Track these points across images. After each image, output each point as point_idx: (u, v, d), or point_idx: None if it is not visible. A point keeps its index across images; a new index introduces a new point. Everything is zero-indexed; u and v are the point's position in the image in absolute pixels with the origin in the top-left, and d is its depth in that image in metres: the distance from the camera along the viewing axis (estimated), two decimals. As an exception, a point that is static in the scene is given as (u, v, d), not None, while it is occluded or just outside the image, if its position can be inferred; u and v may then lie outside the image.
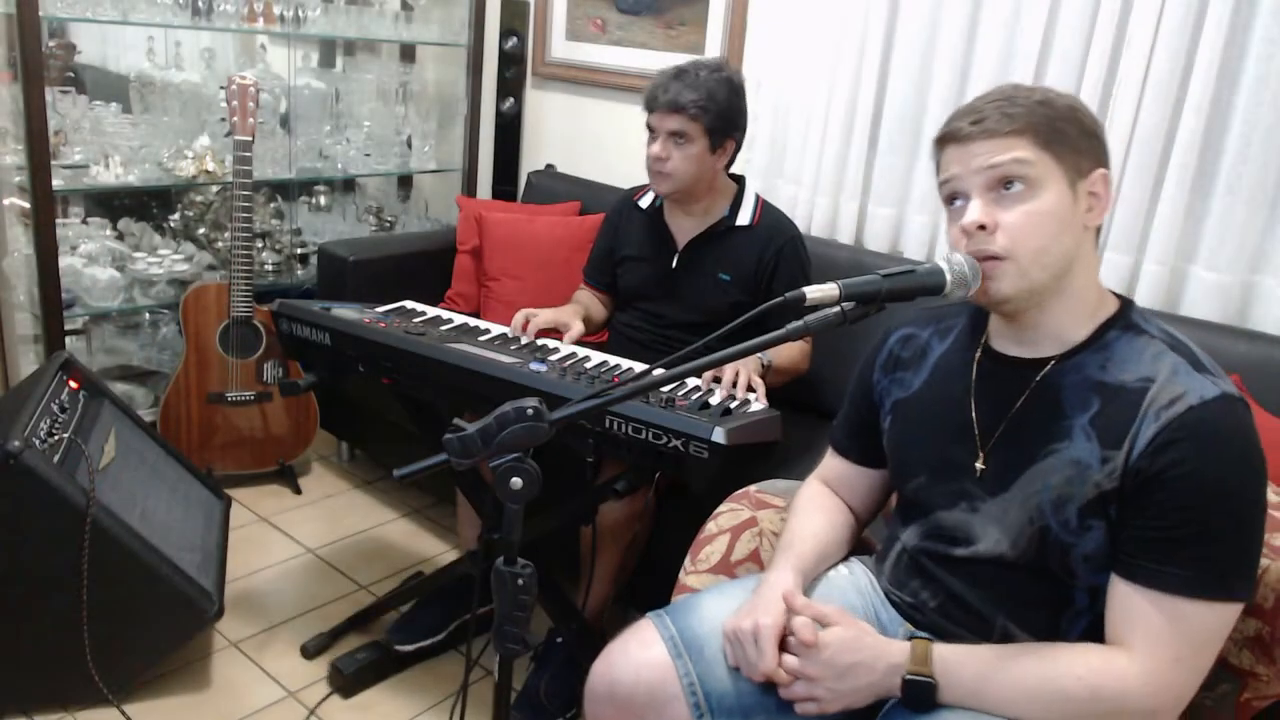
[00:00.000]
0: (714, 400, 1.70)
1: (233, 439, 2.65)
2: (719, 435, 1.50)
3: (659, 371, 1.09)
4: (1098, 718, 1.05)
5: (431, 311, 2.03)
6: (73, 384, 2.01)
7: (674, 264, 2.14)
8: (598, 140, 3.08)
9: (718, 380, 1.78)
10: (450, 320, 1.98)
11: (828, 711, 1.14)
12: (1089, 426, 1.09)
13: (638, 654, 1.22)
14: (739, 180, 2.15)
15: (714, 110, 1.95)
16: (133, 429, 2.14)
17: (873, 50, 2.35)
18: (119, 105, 2.72)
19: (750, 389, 1.78)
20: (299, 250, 3.11)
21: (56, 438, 1.82)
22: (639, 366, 1.82)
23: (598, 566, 1.88)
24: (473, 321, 1.99)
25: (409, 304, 2.05)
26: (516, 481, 1.02)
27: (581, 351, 1.90)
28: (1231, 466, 1.02)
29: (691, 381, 1.78)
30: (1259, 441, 1.04)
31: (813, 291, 1.03)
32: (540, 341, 1.94)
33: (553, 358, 1.81)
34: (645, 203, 2.21)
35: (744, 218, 2.09)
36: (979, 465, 1.18)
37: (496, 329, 1.97)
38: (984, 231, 1.08)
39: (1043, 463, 1.11)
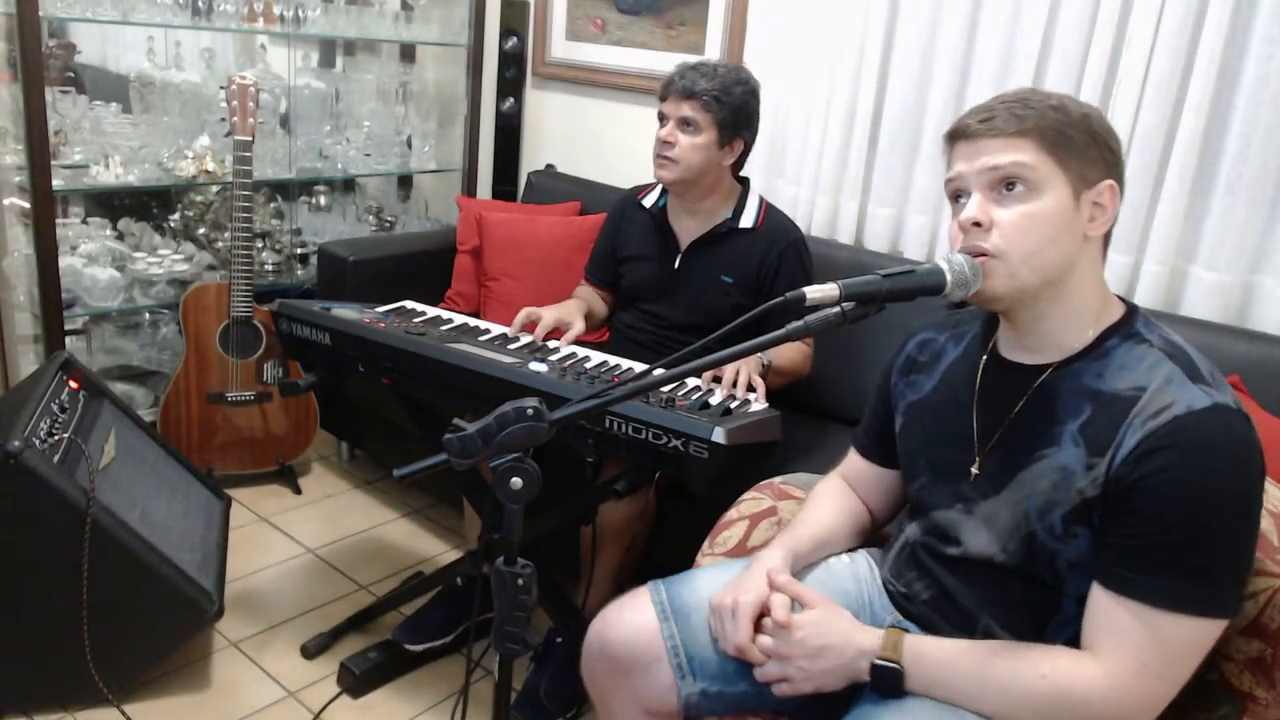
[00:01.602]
0: (714, 400, 1.70)
1: (233, 439, 2.65)
2: (719, 435, 1.50)
3: (659, 371, 1.09)
4: (1061, 719, 1.06)
5: (431, 311, 2.03)
6: (73, 384, 2.01)
7: (676, 264, 2.14)
8: (598, 140, 3.08)
9: (718, 380, 1.78)
10: (450, 320, 1.98)
11: (800, 692, 1.17)
12: (1078, 433, 1.09)
13: (629, 616, 1.29)
14: (744, 183, 2.15)
15: (727, 104, 1.95)
16: (133, 429, 2.14)
17: (873, 50, 2.35)
18: (119, 105, 2.72)
19: (751, 388, 1.79)
20: (299, 250, 3.11)
21: (56, 438, 1.81)
22: (639, 366, 1.82)
23: (598, 566, 1.88)
24: (473, 321, 1.99)
25: (409, 304, 2.05)
26: (516, 481, 1.02)
27: (581, 351, 1.90)
28: (1216, 478, 0.99)
29: (691, 381, 1.78)
30: (1256, 455, 1.01)
31: (813, 292, 1.03)
32: (540, 341, 1.94)
33: (553, 358, 1.81)
34: (649, 202, 2.20)
35: (747, 220, 2.09)
36: (974, 469, 1.19)
37: (496, 329, 1.96)
38: (979, 228, 1.09)
39: (1031, 468, 1.12)
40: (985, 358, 1.22)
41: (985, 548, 1.16)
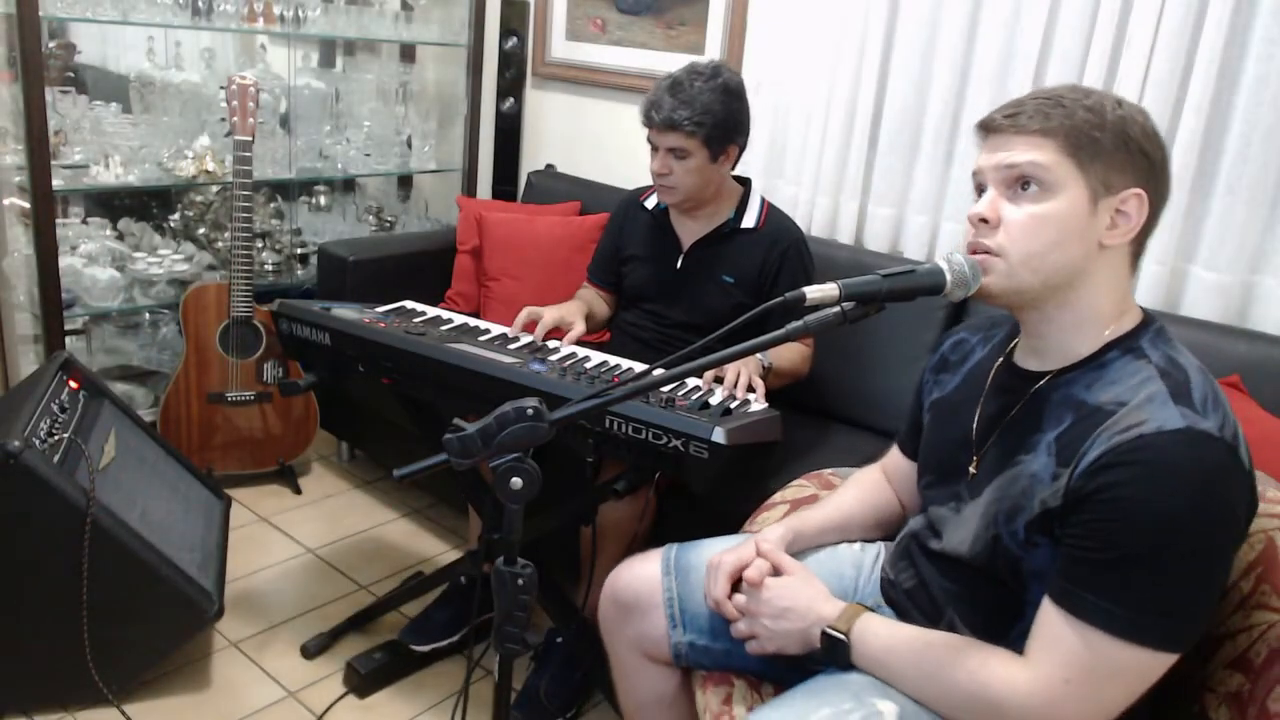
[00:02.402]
0: (714, 400, 1.70)
1: (233, 439, 2.65)
2: (719, 435, 1.50)
3: (659, 371, 1.09)
4: (978, 715, 1.06)
5: (431, 311, 2.03)
6: (73, 384, 2.01)
7: (678, 265, 2.14)
8: (598, 140, 3.08)
9: (719, 380, 1.78)
10: (450, 320, 1.98)
11: (765, 651, 1.26)
12: (1053, 443, 1.07)
13: (638, 567, 1.42)
14: (745, 183, 2.15)
15: (710, 123, 1.93)
16: (133, 429, 2.14)
17: (873, 50, 2.35)
18: (119, 105, 2.72)
19: (750, 389, 1.79)
20: (299, 250, 3.11)
21: (56, 438, 1.81)
22: (639, 366, 1.82)
23: (598, 566, 1.88)
24: (473, 321, 1.99)
25: (409, 304, 2.05)
26: (516, 481, 1.02)
27: (581, 351, 1.90)
28: (1174, 502, 0.94)
29: (691, 381, 1.78)
30: (1227, 487, 0.97)
31: (813, 291, 1.03)
32: (540, 341, 1.94)
33: (553, 358, 1.82)
34: (651, 203, 2.21)
35: (749, 220, 2.09)
36: (972, 469, 1.19)
37: (496, 329, 1.96)
38: (986, 225, 1.08)
39: (1009, 472, 1.12)
40: (1000, 360, 1.22)
41: (958, 545, 1.18)
